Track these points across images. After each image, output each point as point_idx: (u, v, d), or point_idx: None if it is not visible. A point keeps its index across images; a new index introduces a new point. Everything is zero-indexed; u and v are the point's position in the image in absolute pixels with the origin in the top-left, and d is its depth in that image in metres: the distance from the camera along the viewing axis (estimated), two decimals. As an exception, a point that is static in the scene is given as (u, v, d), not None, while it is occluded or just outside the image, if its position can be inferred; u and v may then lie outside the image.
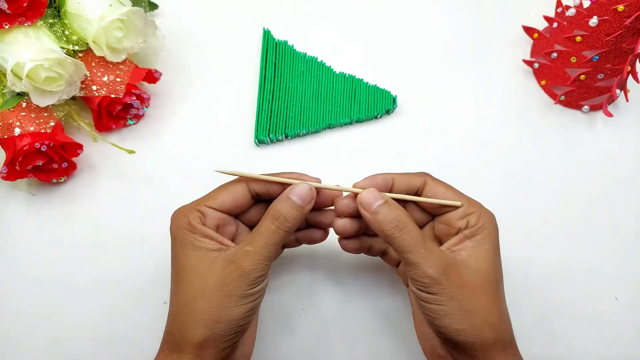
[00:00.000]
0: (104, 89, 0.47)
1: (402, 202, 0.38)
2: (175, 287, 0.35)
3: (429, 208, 0.39)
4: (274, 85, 0.53)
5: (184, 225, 0.35)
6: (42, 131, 0.45)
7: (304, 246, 0.46)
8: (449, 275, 0.33)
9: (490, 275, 0.35)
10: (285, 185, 0.37)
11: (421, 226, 0.40)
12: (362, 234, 0.41)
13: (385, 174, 0.38)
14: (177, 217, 0.36)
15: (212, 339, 0.33)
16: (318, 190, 0.38)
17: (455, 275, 0.34)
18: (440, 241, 0.38)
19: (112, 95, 0.47)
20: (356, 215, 0.38)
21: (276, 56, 0.55)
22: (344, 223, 0.39)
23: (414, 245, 0.34)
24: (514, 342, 0.36)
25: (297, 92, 0.53)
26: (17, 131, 0.44)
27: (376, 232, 0.36)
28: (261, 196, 0.38)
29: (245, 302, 0.33)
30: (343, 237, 0.40)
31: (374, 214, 0.35)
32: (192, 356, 0.33)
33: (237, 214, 0.39)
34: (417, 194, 0.38)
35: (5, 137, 0.44)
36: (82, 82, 0.47)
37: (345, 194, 0.39)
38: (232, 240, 0.38)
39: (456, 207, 0.37)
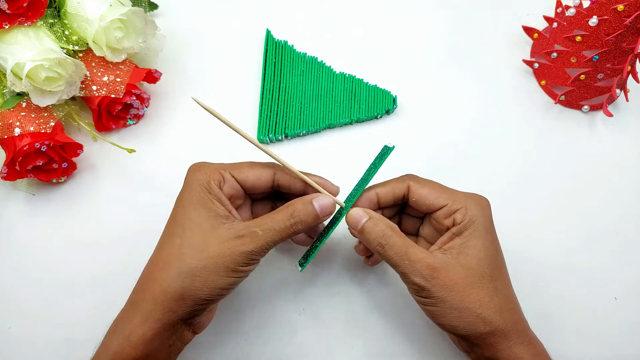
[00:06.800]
0: (104, 89, 0.47)
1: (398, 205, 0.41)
2: (169, 238, 0.36)
3: (418, 209, 0.40)
4: (274, 85, 0.53)
5: (203, 182, 0.36)
6: (42, 131, 0.45)
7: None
8: (436, 279, 0.34)
9: (480, 269, 0.35)
10: (309, 186, 0.38)
11: (420, 220, 0.42)
12: None
13: (369, 190, 0.39)
14: (198, 171, 0.37)
15: (191, 297, 0.34)
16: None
17: (444, 277, 0.34)
18: (439, 234, 0.39)
19: (112, 95, 0.47)
20: None
21: (276, 56, 0.55)
22: (363, 247, 0.42)
23: (398, 258, 0.35)
24: (520, 327, 0.36)
25: (297, 92, 0.53)
26: (17, 131, 0.44)
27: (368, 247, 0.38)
28: (282, 188, 0.39)
29: (235, 276, 0.35)
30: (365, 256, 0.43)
31: (360, 232, 0.37)
32: (162, 307, 0.33)
33: (251, 193, 0.40)
34: (403, 199, 0.39)
35: (5, 137, 0.44)
36: (82, 82, 0.47)
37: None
38: (237, 209, 0.39)
39: (441, 207, 0.38)
